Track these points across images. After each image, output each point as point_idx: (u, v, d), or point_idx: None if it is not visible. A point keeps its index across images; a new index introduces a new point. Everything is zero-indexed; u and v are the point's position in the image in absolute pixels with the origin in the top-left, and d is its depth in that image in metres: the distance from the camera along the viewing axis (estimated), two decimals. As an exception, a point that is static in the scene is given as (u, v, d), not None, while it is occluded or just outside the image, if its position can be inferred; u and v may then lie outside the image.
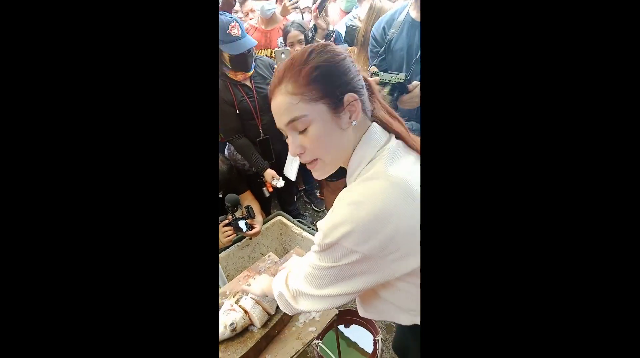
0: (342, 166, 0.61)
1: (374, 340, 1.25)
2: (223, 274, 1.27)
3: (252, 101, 1.46)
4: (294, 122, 0.55)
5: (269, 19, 1.94)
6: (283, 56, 1.55)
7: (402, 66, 1.24)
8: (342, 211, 0.52)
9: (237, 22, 1.35)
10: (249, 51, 1.37)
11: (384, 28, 1.28)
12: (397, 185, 0.52)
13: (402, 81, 1.09)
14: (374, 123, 0.60)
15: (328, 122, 0.55)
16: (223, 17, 1.32)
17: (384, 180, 0.53)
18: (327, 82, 0.54)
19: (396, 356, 1.07)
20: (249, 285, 0.89)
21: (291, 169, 1.60)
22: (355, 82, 0.57)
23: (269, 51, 1.91)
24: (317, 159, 0.58)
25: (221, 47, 1.32)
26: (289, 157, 1.59)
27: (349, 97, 0.55)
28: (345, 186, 0.58)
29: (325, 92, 0.54)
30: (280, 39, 1.89)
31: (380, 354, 1.18)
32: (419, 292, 0.58)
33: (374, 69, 1.16)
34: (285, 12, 1.95)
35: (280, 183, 1.53)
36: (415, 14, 1.21)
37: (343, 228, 0.51)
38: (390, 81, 1.10)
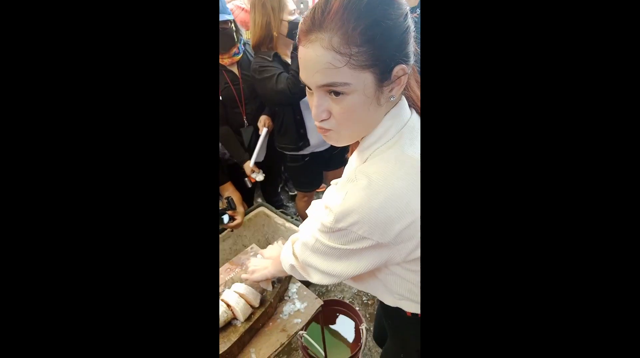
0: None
1: (359, 328, 1.26)
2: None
3: (237, 88, 1.40)
4: (331, 87, 0.45)
5: None
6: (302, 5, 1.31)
7: None
8: (356, 196, 0.48)
9: None
10: (225, 30, 1.27)
11: None
12: (415, 169, 0.47)
13: None
14: (404, 97, 0.53)
15: (369, 97, 0.46)
16: None
17: (402, 164, 0.48)
18: (383, 46, 0.43)
19: (377, 345, 1.08)
20: (248, 273, 0.88)
21: (256, 153, 1.47)
22: (409, 49, 0.47)
23: None
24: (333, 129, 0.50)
25: None
26: (259, 143, 1.49)
27: (398, 70, 0.46)
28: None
29: (377, 59, 0.44)
30: None
31: (364, 343, 1.19)
32: (411, 278, 0.58)
33: None
34: None
35: (260, 177, 1.48)
36: None
37: (356, 215, 0.47)
38: None
